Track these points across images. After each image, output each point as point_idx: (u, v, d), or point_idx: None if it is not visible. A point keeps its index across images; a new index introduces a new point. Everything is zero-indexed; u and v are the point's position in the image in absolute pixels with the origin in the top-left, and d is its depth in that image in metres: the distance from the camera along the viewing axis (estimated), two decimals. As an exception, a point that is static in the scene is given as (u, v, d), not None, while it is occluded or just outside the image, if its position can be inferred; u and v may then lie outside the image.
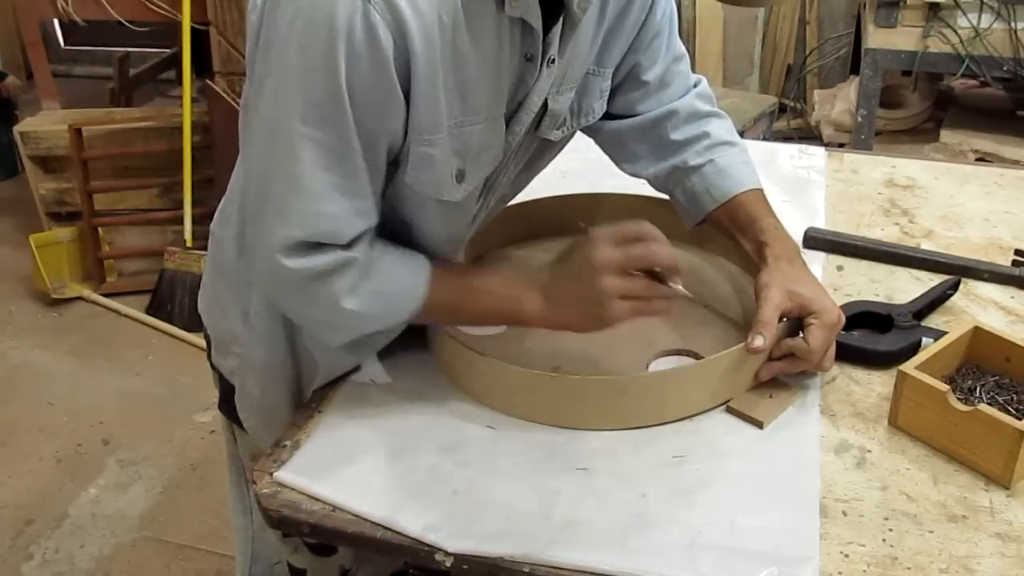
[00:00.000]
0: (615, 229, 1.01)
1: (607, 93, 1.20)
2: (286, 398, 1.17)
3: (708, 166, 1.21)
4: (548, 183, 1.56)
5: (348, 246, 0.98)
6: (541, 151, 1.17)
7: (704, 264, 1.34)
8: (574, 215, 1.43)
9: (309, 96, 0.90)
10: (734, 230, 1.20)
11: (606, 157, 1.35)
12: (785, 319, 1.08)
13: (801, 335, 1.07)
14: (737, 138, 1.26)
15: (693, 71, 1.28)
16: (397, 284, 1.02)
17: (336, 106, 0.90)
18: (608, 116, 1.24)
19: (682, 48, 1.25)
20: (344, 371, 1.14)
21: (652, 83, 1.22)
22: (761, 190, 1.23)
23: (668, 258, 1.02)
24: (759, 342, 1.04)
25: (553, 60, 1.02)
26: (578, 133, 1.27)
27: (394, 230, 1.05)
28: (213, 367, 1.26)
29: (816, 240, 1.39)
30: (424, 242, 1.07)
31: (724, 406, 1.07)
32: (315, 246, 0.96)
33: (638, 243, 1.01)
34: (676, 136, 1.23)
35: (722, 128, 1.25)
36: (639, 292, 1.02)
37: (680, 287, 1.03)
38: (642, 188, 1.33)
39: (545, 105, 1.07)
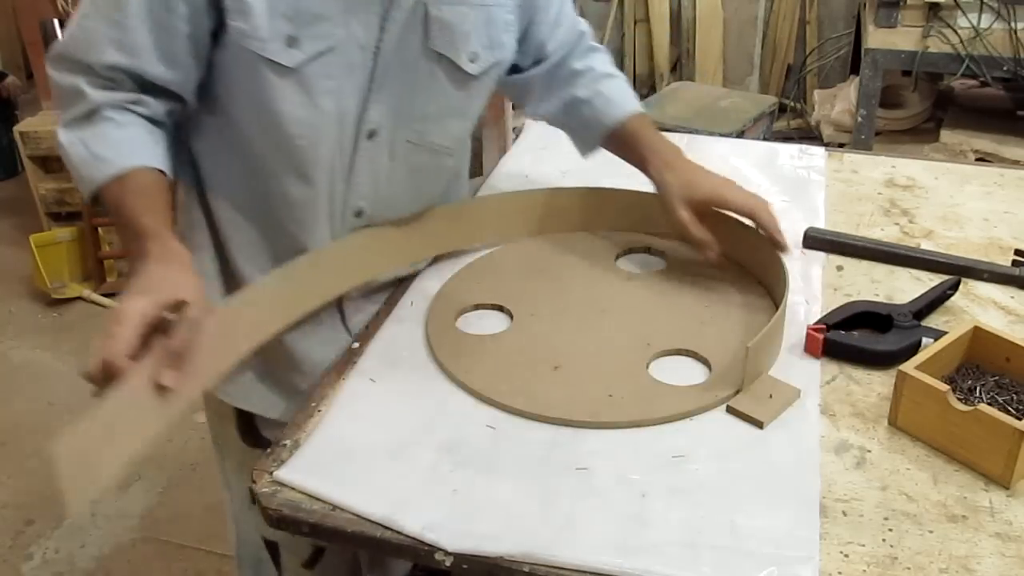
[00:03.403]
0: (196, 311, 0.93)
1: (513, 28, 1.21)
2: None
3: (596, 98, 1.29)
4: (549, 182, 1.56)
5: (103, 85, 1.04)
6: (459, 84, 1.14)
7: (706, 262, 1.34)
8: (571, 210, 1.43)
9: None
10: (620, 151, 1.31)
11: (607, 156, 1.35)
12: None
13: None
14: (617, 71, 1.35)
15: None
16: (97, 152, 1.04)
17: None
18: (517, 69, 1.29)
19: None
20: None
21: (550, 22, 1.29)
22: (644, 114, 1.32)
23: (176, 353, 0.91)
24: (712, 255, 1.20)
25: None
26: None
27: (258, 126, 1.08)
28: None
29: (816, 240, 1.39)
30: (289, 142, 1.07)
31: (724, 406, 1.07)
32: (71, 63, 1.04)
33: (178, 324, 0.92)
34: (574, 66, 1.31)
35: (605, 62, 1.34)
36: (113, 352, 0.88)
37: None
38: (643, 186, 1.33)
39: (427, 13, 1.08)
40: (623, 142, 1.30)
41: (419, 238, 1.30)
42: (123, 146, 1.05)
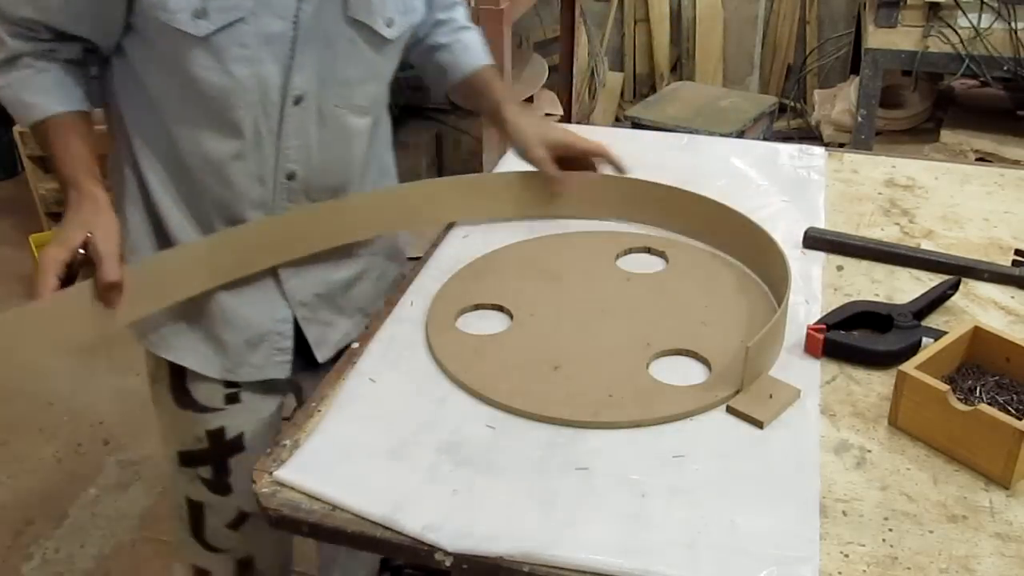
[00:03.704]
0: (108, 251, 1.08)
1: None
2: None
3: (455, 44, 1.39)
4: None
5: (20, 34, 1.11)
6: (377, 48, 1.19)
7: (706, 262, 1.34)
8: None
9: None
10: (472, 96, 1.42)
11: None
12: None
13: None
14: (473, 25, 1.44)
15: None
16: (23, 97, 1.14)
17: None
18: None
19: None
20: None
21: None
22: (495, 67, 1.43)
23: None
24: (563, 189, 1.32)
25: None
26: (581, 133, 1.28)
27: (190, 101, 1.13)
28: None
29: (816, 240, 1.39)
30: (204, 104, 1.12)
31: (724, 406, 1.07)
32: None
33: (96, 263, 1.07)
34: (438, 16, 1.39)
35: (464, 16, 1.43)
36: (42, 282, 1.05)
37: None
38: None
39: None
40: (477, 88, 1.41)
41: (361, 216, 1.32)
42: (42, 92, 1.14)
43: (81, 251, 1.07)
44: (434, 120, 3.50)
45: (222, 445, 1.30)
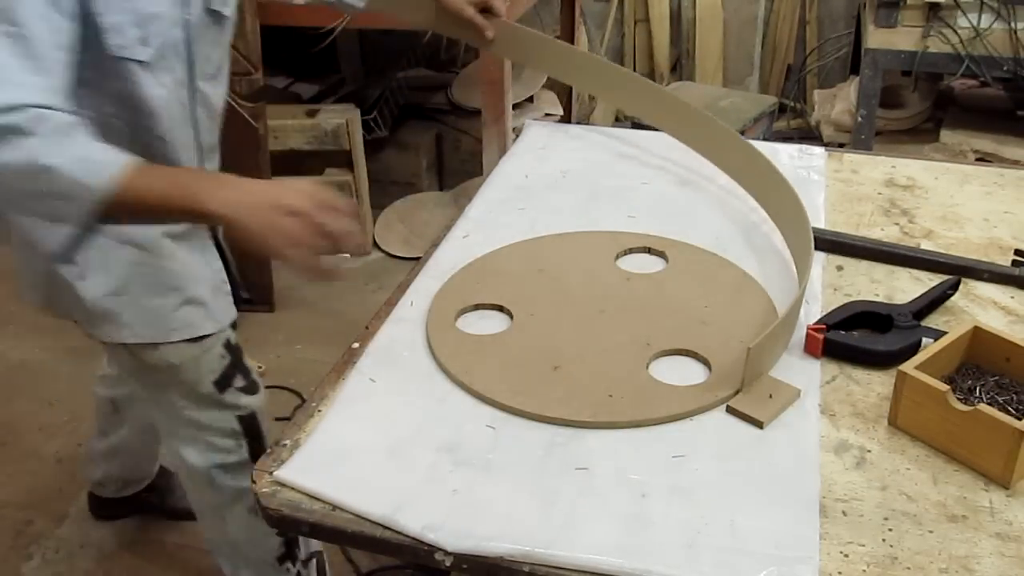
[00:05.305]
0: (319, 192, 1.08)
1: None
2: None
3: None
4: (548, 183, 1.56)
5: (37, 107, 1.03)
6: (221, 23, 1.38)
7: (706, 262, 1.34)
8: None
9: None
10: None
11: (606, 157, 1.35)
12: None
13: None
14: None
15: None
16: (92, 153, 1.06)
17: None
18: None
19: None
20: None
21: None
22: None
23: (343, 233, 1.08)
24: (490, 34, 1.60)
25: None
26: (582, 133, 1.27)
27: (138, 124, 1.26)
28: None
29: (816, 240, 1.39)
30: (163, 124, 1.28)
31: (724, 406, 1.07)
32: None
33: (330, 211, 1.07)
34: None
35: None
36: (306, 243, 1.06)
37: (346, 258, 1.21)
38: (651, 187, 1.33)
39: None
40: None
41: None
42: (95, 148, 1.15)
43: None
44: (434, 120, 3.50)
45: (236, 351, 1.50)
